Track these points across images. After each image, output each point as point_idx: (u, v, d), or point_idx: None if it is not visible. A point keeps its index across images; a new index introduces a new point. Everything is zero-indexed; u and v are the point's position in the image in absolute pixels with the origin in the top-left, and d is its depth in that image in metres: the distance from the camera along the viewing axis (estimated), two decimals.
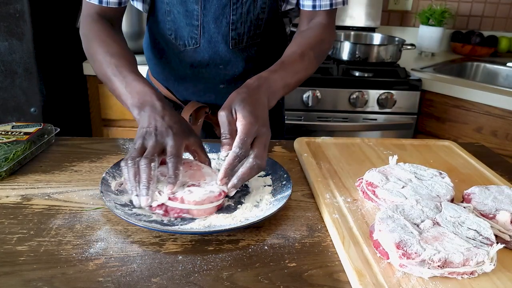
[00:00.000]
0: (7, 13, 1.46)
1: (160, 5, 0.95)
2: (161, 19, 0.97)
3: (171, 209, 0.65)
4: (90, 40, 0.88)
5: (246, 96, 0.71)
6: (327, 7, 0.93)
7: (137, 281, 0.53)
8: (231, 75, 1.01)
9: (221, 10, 0.91)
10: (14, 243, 0.59)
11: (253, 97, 0.72)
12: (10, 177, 0.77)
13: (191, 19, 0.93)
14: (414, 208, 0.62)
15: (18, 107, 1.59)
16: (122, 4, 0.92)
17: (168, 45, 0.99)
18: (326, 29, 0.94)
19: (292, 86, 0.84)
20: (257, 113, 0.69)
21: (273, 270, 0.56)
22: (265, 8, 0.93)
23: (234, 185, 0.67)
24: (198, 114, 1.04)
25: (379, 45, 2.02)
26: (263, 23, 0.95)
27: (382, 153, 0.93)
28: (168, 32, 0.97)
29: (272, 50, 1.01)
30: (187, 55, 0.98)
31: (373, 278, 0.53)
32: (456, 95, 1.73)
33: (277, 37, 1.02)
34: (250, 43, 0.97)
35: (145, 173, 0.64)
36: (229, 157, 0.66)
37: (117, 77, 0.79)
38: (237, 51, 0.97)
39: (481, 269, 0.55)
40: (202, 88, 1.04)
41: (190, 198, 0.65)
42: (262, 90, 0.75)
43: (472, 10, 2.41)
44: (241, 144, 0.66)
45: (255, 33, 0.96)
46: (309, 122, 1.75)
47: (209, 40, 0.95)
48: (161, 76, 1.08)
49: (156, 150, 0.68)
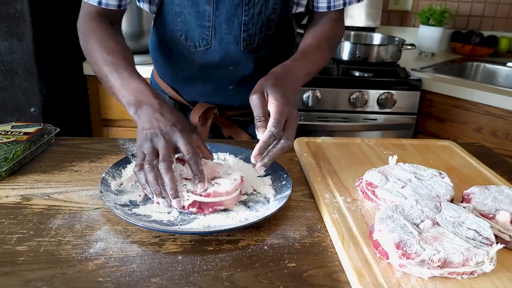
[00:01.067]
0: (7, 13, 1.46)
1: (170, 6, 0.94)
2: (170, 20, 0.96)
3: (205, 205, 0.66)
4: (87, 37, 0.87)
5: (276, 81, 0.74)
6: (340, 7, 0.96)
7: (136, 281, 0.53)
8: (241, 76, 1.00)
9: (233, 11, 0.91)
10: (14, 243, 0.59)
11: (282, 82, 0.74)
12: (10, 177, 0.77)
13: (203, 20, 0.92)
14: (414, 208, 0.62)
15: (18, 107, 1.59)
16: (121, 7, 0.91)
17: (178, 46, 0.99)
18: (337, 23, 0.98)
19: (313, 74, 0.88)
20: (288, 97, 0.72)
21: (272, 270, 0.56)
22: (276, 9, 0.93)
23: (265, 164, 0.68)
24: (207, 115, 1.04)
25: (379, 45, 2.02)
26: (274, 25, 0.95)
27: (382, 153, 0.93)
28: (178, 33, 0.96)
29: (280, 51, 1.02)
30: (197, 56, 0.98)
31: (372, 278, 0.53)
32: (456, 95, 1.73)
33: (286, 38, 1.02)
34: (261, 44, 0.97)
35: (168, 175, 0.65)
36: (265, 136, 0.68)
37: (113, 74, 0.79)
38: (248, 52, 0.96)
39: (480, 269, 0.55)
40: (211, 89, 1.04)
41: (221, 190, 0.66)
42: (290, 76, 0.78)
43: (472, 10, 2.40)
44: (276, 123, 0.67)
45: (266, 34, 0.96)
46: (309, 122, 1.75)
47: (220, 41, 0.94)
48: (168, 77, 1.07)
49: (170, 151, 0.67)
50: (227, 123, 1.08)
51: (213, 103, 1.05)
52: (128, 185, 0.74)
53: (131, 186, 0.74)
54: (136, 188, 0.73)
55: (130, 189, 0.73)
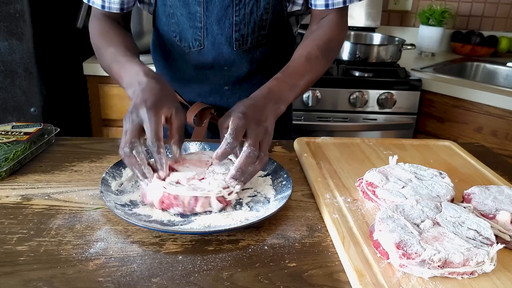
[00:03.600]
0: (7, 13, 1.46)
1: (164, 7, 0.95)
2: (165, 22, 0.97)
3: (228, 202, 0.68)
4: (93, 36, 0.93)
5: (243, 103, 0.73)
6: (340, 5, 0.91)
7: (137, 281, 0.53)
8: (236, 77, 1.01)
9: (223, 12, 0.91)
10: (14, 243, 0.59)
11: (250, 104, 0.73)
12: (10, 177, 0.77)
13: (194, 21, 0.93)
14: (414, 208, 0.62)
15: (18, 107, 1.59)
16: (124, 10, 0.95)
17: (174, 47, 1.00)
18: (335, 26, 0.93)
19: (302, 88, 0.85)
20: (249, 113, 0.70)
21: (273, 270, 0.56)
22: (268, 9, 0.92)
23: (233, 176, 0.67)
24: (203, 115, 1.04)
25: (379, 45, 2.02)
26: (268, 24, 0.94)
27: (382, 153, 0.93)
28: (172, 34, 0.97)
29: (278, 51, 1.01)
30: (192, 57, 0.98)
31: (373, 278, 0.53)
32: (456, 95, 1.73)
33: (284, 38, 1.01)
34: (255, 45, 0.96)
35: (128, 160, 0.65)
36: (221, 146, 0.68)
37: (114, 63, 0.82)
38: (241, 53, 0.96)
39: (481, 269, 0.55)
40: (207, 90, 1.04)
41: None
42: (265, 98, 0.76)
43: (472, 10, 2.41)
44: (232, 132, 0.67)
45: (260, 34, 0.95)
46: (309, 122, 1.75)
47: (212, 42, 0.95)
48: (167, 78, 1.08)
49: (134, 134, 0.66)
50: None
51: (210, 104, 1.05)
52: (128, 185, 0.74)
53: (131, 186, 0.74)
54: (136, 188, 0.73)
55: (131, 189, 0.73)
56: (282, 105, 0.79)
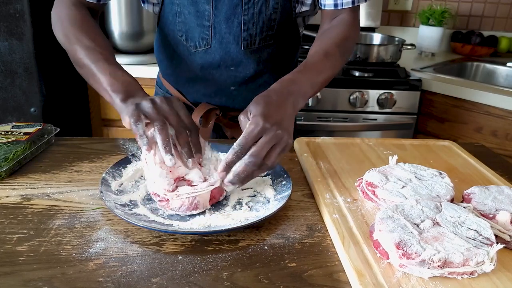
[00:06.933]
0: (7, 13, 1.46)
1: (171, 6, 0.94)
2: (171, 21, 0.96)
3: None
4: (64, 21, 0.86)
5: (264, 98, 0.69)
6: (349, 5, 0.91)
7: (137, 281, 0.53)
8: (242, 77, 1.00)
9: (232, 10, 0.90)
10: (14, 243, 0.59)
11: (271, 99, 0.70)
12: (10, 177, 0.77)
13: (202, 20, 0.92)
14: (414, 208, 0.62)
15: (18, 107, 1.59)
16: (101, 1, 0.91)
17: (179, 46, 0.99)
18: (350, 26, 0.92)
19: (320, 84, 0.83)
20: (269, 113, 0.66)
21: (273, 270, 0.56)
22: (277, 9, 0.92)
23: (229, 180, 0.65)
24: (209, 116, 1.03)
25: (379, 45, 2.02)
26: (276, 24, 0.94)
27: (382, 153, 0.93)
28: (178, 34, 0.96)
29: (284, 52, 1.01)
30: (198, 56, 0.97)
31: (373, 278, 0.53)
32: (456, 95, 1.73)
33: (290, 39, 1.01)
34: (263, 45, 0.96)
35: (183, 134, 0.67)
36: (228, 153, 0.65)
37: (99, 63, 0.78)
38: (248, 53, 0.96)
39: (481, 269, 0.55)
40: (213, 90, 1.03)
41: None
42: (285, 92, 0.73)
43: (472, 10, 2.41)
44: (241, 142, 0.64)
45: (268, 34, 0.95)
46: (309, 122, 1.75)
47: (220, 41, 0.94)
48: (171, 78, 1.07)
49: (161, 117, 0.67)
50: (230, 124, 1.07)
51: (216, 104, 1.04)
52: (128, 185, 0.74)
53: (131, 186, 0.74)
54: (136, 188, 0.73)
55: (130, 189, 0.73)
56: (302, 100, 0.76)
